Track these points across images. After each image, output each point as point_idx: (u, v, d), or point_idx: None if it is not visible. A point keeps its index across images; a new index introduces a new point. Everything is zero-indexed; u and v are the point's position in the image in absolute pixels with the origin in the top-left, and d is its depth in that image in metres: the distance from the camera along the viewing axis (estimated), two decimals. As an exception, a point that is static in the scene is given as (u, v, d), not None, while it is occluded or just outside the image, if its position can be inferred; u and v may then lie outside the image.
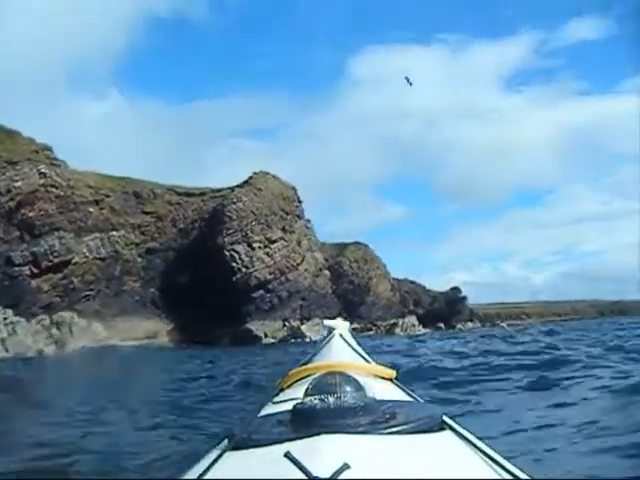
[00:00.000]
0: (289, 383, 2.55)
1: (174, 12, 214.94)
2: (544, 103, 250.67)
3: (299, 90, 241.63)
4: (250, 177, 66.38)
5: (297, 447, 1.40)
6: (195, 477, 1.47)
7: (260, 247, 60.88)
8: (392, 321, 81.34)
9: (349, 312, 76.57)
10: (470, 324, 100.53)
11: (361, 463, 1.29)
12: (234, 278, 58.90)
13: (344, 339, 3.45)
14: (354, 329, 73.25)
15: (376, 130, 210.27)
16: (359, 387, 1.67)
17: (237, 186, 66.11)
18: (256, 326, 57.68)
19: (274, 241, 62.11)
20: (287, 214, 64.82)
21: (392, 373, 2.62)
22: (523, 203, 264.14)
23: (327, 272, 72.58)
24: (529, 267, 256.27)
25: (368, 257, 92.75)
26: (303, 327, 59.30)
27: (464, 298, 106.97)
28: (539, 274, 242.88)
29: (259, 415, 2.07)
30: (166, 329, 60.02)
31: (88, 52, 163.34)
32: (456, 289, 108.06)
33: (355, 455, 1.31)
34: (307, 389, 1.68)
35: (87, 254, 58.64)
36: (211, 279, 57.14)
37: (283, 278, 61.83)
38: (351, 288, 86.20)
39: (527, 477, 1.53)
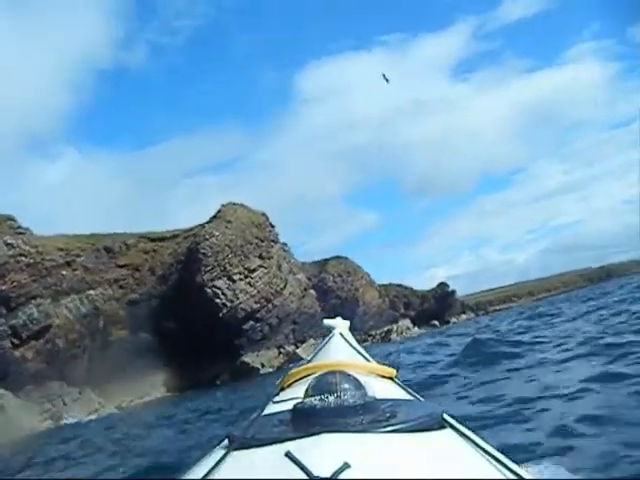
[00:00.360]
0: (289, 382, 2.56)
1: (115, 62, 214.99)
2: (493, 86, 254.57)
3: (250, 119, 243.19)
4: (219, 210, 65.68)
5: (298, 446, 1.40)
6: (196, 477, 1.47)
7: (241, 278, 60.01)
8: (386, 328, 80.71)
9: (342, 326, 76.13)
10: (464, 316, 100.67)
11: (362, 462, 1.29)
12: (221, 314, 57.96)
13: (344, 338, 3.46)
14: (350, 343, 73.15)
15: (333, 143, 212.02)
16: (359, 386, 1.67)
17: (207, 222, 65.45)
18: (251, 358, 56.73)
19: (254, 270, 61.28)
20: (262, 241, 64.11)
21: (392, 372, 2.60)
22: (490, 187, 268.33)
23: (312, 291, 71.93)
24: (510, 249, 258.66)
25: (350, 269, 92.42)
26: (299, 350, 58.38)
27: (453, 292, 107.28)
28: (521, 254, 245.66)
29: (260, 415, 2.02)
30: (161, 379, 58.84)
31: (38, 115, 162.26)
32: (443, 284, 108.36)
33: (356, 454, 1.32)
34: (307, 388, 1.68)
35: (68, 315, 57.47)
36: (198, 319, 56.20)
37: (270, 305, 60.99)
38: (339, 303, 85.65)
39: (529, 475, 1.52)
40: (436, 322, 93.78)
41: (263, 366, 56.10)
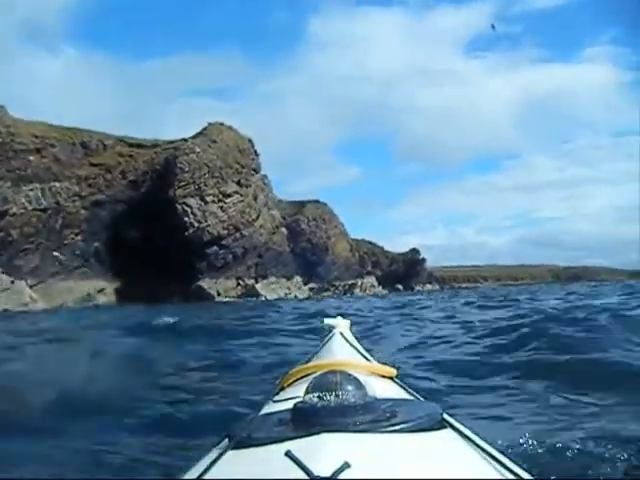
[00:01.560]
0: (289, 382, 2.51)
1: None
2: (504, 69, 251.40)
3: (258, 51, 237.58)
4: (204, 128, 62.90)
5: (298, 446, 1.40)
6: (196, 477, 1.45)
7: (214, 201, 57.67)
8: (351, 281, 79.67)
9: (307, 272, 74.71)
10: (429, 286, 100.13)
11: (362, 462, 1.30)
12: (186, 233, 55.77)
13: (344, 337, 3.42)
14: (311, 289, 71.91)
15: (336, 92, 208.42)
16: (360, 386, 1.66)
17: (191, 137, 62.72)
18: (209, 284, 54.91)
19: (229, 195, 58.92)
20: (243, 167, 61.60)
21: (393, 371, 2.58)
22: (481, 167, 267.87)
23: (284, 230, 70.06)
24: (485, 231, 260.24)
25: (327, 216, 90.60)
26: (258, 286, 56.77)
27: (423, 260, 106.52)
28: (496, 238, 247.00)
29: (259, 414, 1.99)
30: (112, 287, 56.90)
31: (43, 7, 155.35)
32: (415, 251, 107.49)
33: (356, 454, 1.32)
34: (308, 388, 1.67)
35: (26, 205, 54.82)
36: (162, 234, 54.02)
37: (238, 234, 58.91)
38: (309, 247, 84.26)
39: (528, 476, 1.54)
40: (400, 286, 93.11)
41: (219, 294, 54.40)
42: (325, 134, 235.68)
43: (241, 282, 56.82)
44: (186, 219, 55.93)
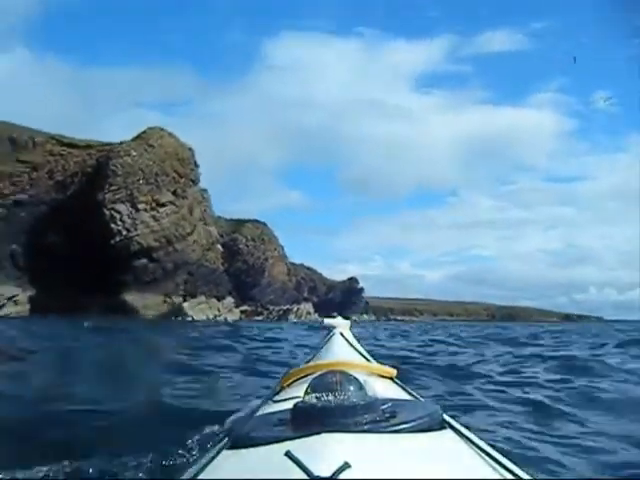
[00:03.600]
0: (290, 382, 2.53)
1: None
2: (451, 107, 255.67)
3: (210, 69, 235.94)
4: (143, 131, 58.95)
5: (298, 446, 1.40)
6: (196, 476, 1.47)
7: (146, 209, 53.47)
8: (286, 307, 76.53)
9: (241, 293, 71.09)
10: (365, 316, 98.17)
11: (362, 462, 1.30)
12: (113, 241, 51.35)
13: (345, 338, 3.47)
14: (243, 312, 68.38)
15: (284, 116, 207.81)
16: (360, 386, 1.68)
17: (128, 141, 58.70)
18: (134, 298, 50.46)
19: (163, 204, 54.77)
20: (180, 177, 57.73)
21: (393, 372, 2.62)
22: (422, 202, 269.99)
23: (220, 247, 66.41)
24: (423, 265, 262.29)
25: (266, 237, 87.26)
26: (185, 304, 52.78)
27: (361, 289, 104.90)
28: (432, 273, 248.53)
29: (259, 413, 2.03)
30: (26, 295, 52.07)
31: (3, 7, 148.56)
32: (354, 279, 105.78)
33: (356, 454, 1.33)
34: (308, 388, 1.68)
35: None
36: (85, 240, 49.66)
37: (170, 248, 54.80)
38: (245, 268, 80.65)
39: (528, 476, 1.55)
40: (336, 314, 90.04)
41: (144, 309, 50.16)
42: (270, 157, 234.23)
43: (168, 299, 52.70)
44: (114, 226, 51.55)
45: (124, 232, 51.77)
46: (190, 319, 49.49)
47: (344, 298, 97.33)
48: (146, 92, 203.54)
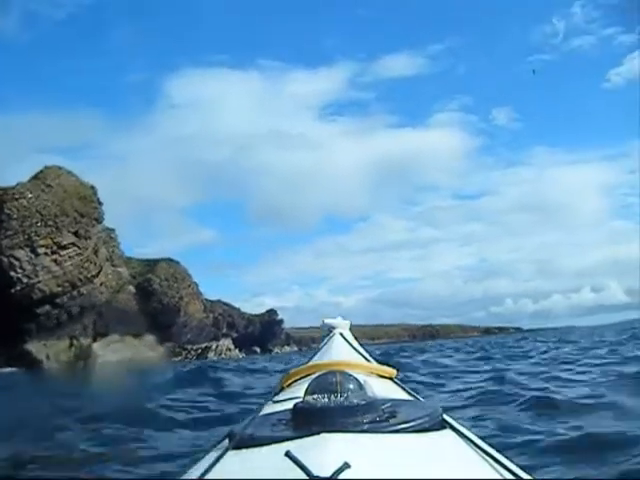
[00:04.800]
0: (290, 382, 2.54)
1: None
2: (355, 134, 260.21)
3: (113, 110, 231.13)
4: (40, 171, 56.26)
5: (298, 446, 1.40)
6: (196, 477, 1.45)
7: (47, 253, 50.74)
8: (204, 344, 74.40)
9: (159, 333, 68.57)
10: (287, 348, 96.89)
11: (362, 462, 1.30)
12: (13, 290, 48.30)
13: (344, 338, 3.48)
14: (168, 348, 65.78)
15: (188, 154, 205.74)
16: (360, 386, 1.67)
17: (24, 182, 55.80)
18: (37, 347, 47.48)
19: (64, 247, 52.13)
20: (82, 216, 55.27)
21: (392, 372, 2.61)
22: (333, 229, 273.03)
23: (132, 288, 63.91)
24: (339, 291, 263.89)
25: (179, 275, 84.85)
26: (95, 345, 50.01)
27: (280, 321, 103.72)
28: (349, 298, 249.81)
29: (259, 414, 1.97)
30: None
31: None
32: (272, 311, 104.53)
33: (356, 454, 1.32)
34: (308, 388, 1.68)
35: None
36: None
37: (75, 292, 52.07)
38: (160, 307, 77.85)
39: (527, 476, 1.55)
40: (257, 349, 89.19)
41: (48, 359, 47.22)
42: (178, 195, 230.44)
43: (75, 342, 49.83)
44: (13, 274, 48.59)
45: (24, 280, 48.87)
46: (100, 361, 46.85)
47: (264, 331, 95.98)
48: (47, 137, 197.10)
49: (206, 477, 1.40)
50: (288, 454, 1.30)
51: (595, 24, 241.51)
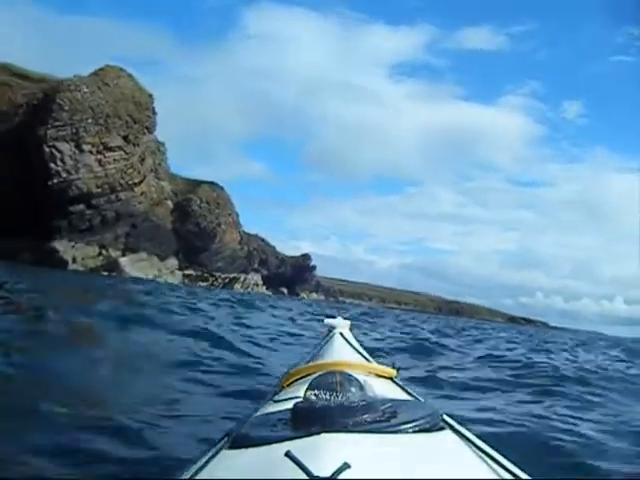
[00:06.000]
0: (290, 382, 2.52)
1: None
2: (422, 99, 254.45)
3: (188, 32, 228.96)
4: (100, 69, 54.02)
5: (297, 446, 1.41)
6: (195, 476, 1.48)
7: (92, 152, 48.71)
8: (233, 275, 72.83)
9: (187, 256, 67.10)
10: (314, 295, 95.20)
11: (362, 462, 1.31)
12: (50, 182, 46.56)
13: (345, 338, 3.47)
14: (188, 276, 64.45)
15: (254, 87, 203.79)
16: (360, 386, 1.68)
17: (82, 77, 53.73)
18: (64, 247, 45.98)
19: (111, 149, 50.11)
20: (135, 122, 53.04)
21: (392, 372, 2.60)
22: (382, 189, 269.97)
23: (170, 204, 62.16)
24: (376, 251, 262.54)
25: (221, 201, 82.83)
26: (123, 260, 48.44)
27: (313, 267, 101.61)
28: (385, 260, 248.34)
29: (259, 413, 2.02)
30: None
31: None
32: (306, 256, 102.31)
33: (356, 454, 1.34)
34: (308, 388, 1.68)
35: None
36: (19, 178, 44.99)
37: (113, 196, 50.37)
38: (196, 231, 76.22)
39: (527, 476, 1.57)
40: (285, 290, 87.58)
41: (74, 261, 45.85)
42: (236, 125, 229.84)
43: (104, 252, 48.37)
44: (52, 165, 46.68)
45: (63, 174, 47.00)
46: (127, 276, 45.30)
47: (295, 274, 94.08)
48: (117, 46, 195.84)
49: (205, 476, 1.41)
50: (288, 454, 1.30)
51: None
